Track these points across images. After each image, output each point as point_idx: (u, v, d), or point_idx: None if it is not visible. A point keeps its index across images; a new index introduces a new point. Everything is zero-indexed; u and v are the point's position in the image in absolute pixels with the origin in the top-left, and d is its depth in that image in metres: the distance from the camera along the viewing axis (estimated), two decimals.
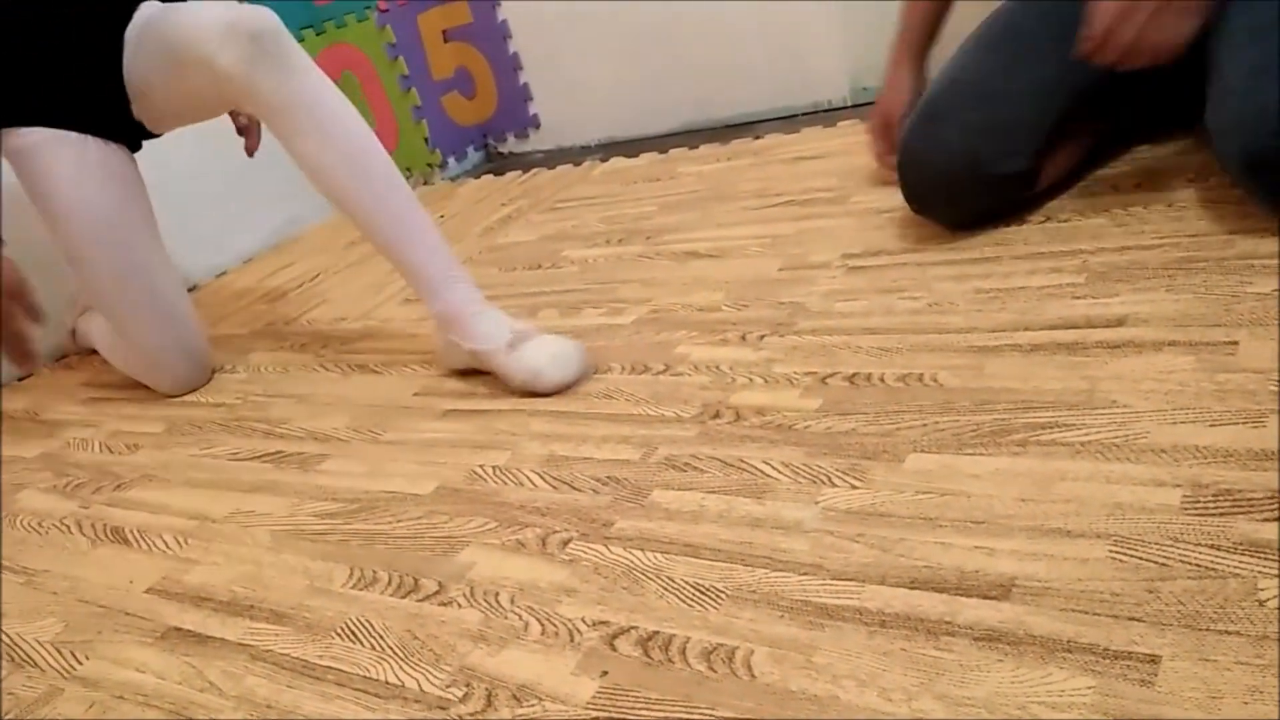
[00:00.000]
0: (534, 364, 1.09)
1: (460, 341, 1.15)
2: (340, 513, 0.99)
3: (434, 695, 0.71)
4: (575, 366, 1.10)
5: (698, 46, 2.11)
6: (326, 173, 1.15)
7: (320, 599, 0.86)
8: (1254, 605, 0.58)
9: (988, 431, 0.81)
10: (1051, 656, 0.58)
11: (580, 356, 1.11)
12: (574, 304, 1.34)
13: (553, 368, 1.08)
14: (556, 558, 0.82)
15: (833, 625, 0.66)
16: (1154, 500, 0.68)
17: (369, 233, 1.17)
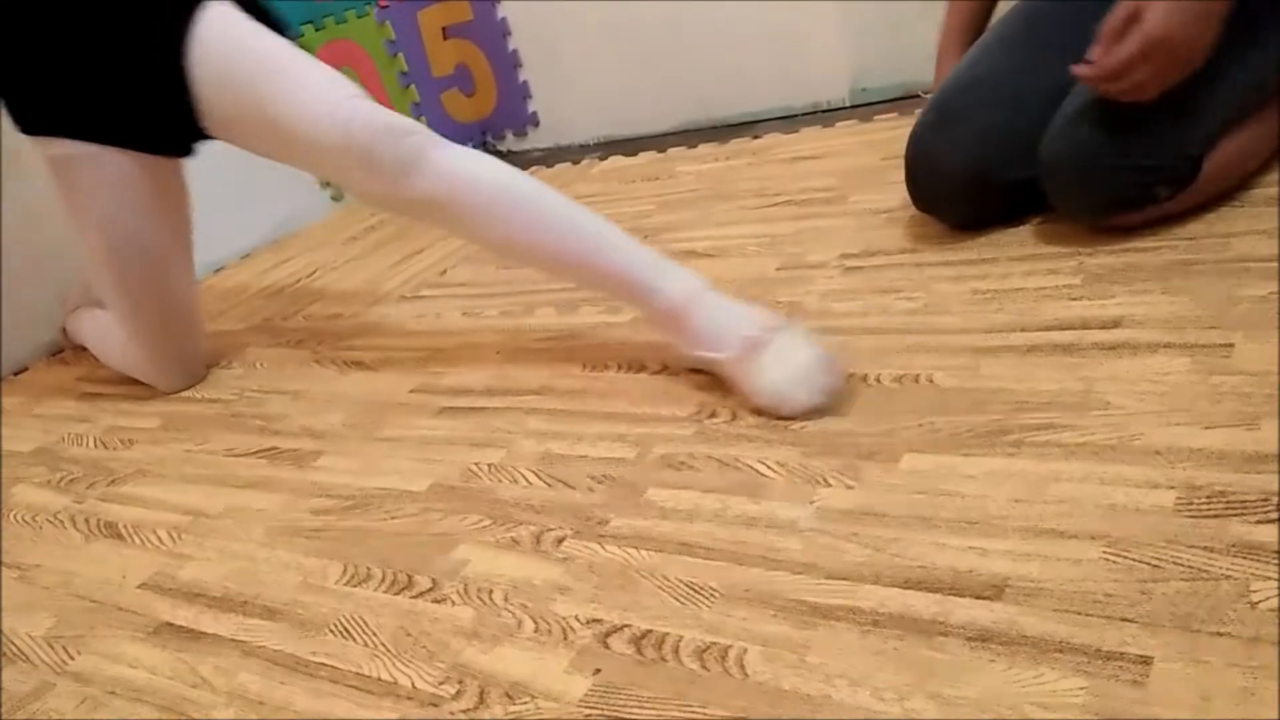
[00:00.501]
0: (775, 385, 0.92)
1: (684, 348, 1.00)
2: (335, 509, 0.98)
3: (426, 692, 0.70)
4: (825, 384, 0.91)
5: (697, 46, 2.11)
6: (501, 247, 1.11)
7: (313, 595, 0.86)
8: (1246, 607, 0.58)
9: (983, 432, 0.81)
10: (1044, 657, 0.58)
11: (830, 368, 0.92)
12: (571, 302, 1.34)
13: (798, 389, 0.91)
14: (551, 555, 0.82)
15: (826, 624, 0.66)
16: (1148, 502, 0.68)
17: (559, 275, 1.12)
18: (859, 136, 1.77)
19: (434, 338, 1.35)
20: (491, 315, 1.38)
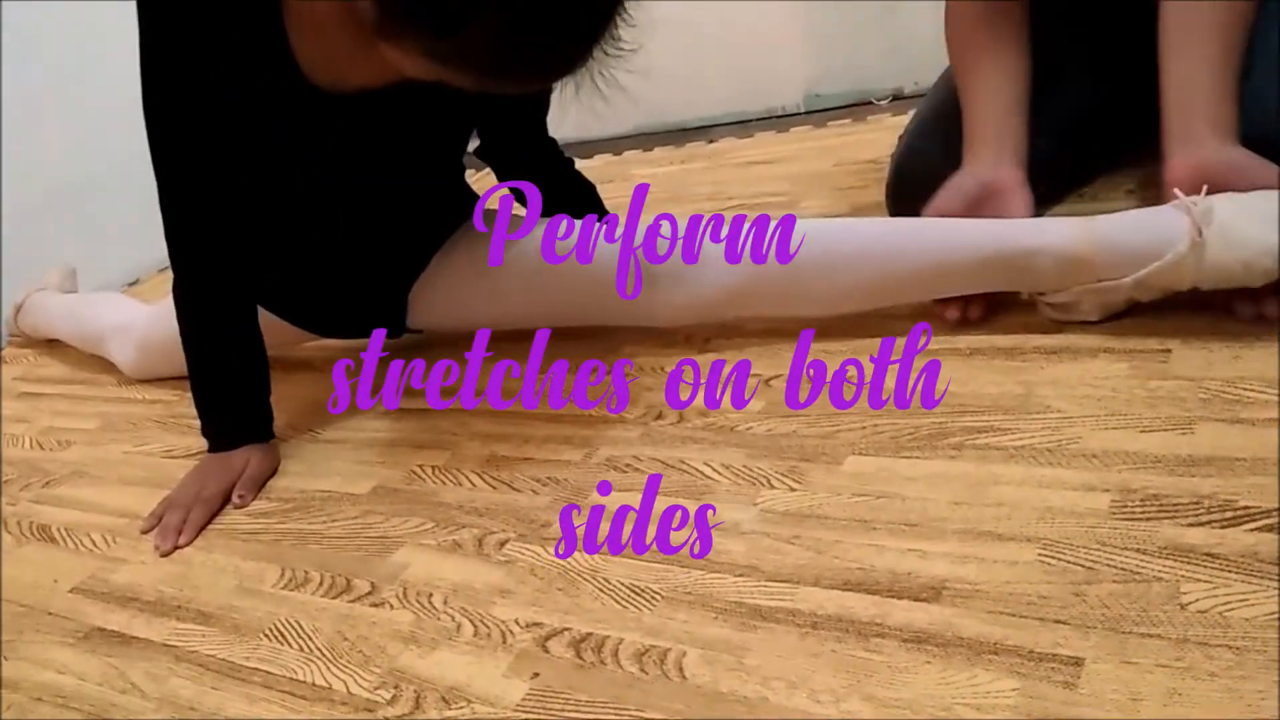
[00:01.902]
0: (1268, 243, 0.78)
1: (1122, 284, 0.84)
2: (274, 512, 0.97)
3: (361, 697, 0.69)
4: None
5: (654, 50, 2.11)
6: (816, 304, 1.01)
7: (249, 599, 0.84)
8: (1176, 609, 0.58)
9: (925, 435, 0.81)
10: (978, 658, 0.59)
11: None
12: None
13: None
14: (493, 558, 0.81)
15: (765, 627, 0.66)
16: (1084, 505, 0.68)
17: (904, 297, 0.98)
18: (813, 142, 1.78)
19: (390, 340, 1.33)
20: None
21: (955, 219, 0.95)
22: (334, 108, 0.95)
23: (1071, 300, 0.89)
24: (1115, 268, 0.84)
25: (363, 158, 1.03)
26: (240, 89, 0.93)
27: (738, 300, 1.03)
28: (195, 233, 1.00)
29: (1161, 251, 0.81)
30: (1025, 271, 0.89)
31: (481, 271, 1.12)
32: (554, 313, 1.12)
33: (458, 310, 1.16)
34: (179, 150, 0.96)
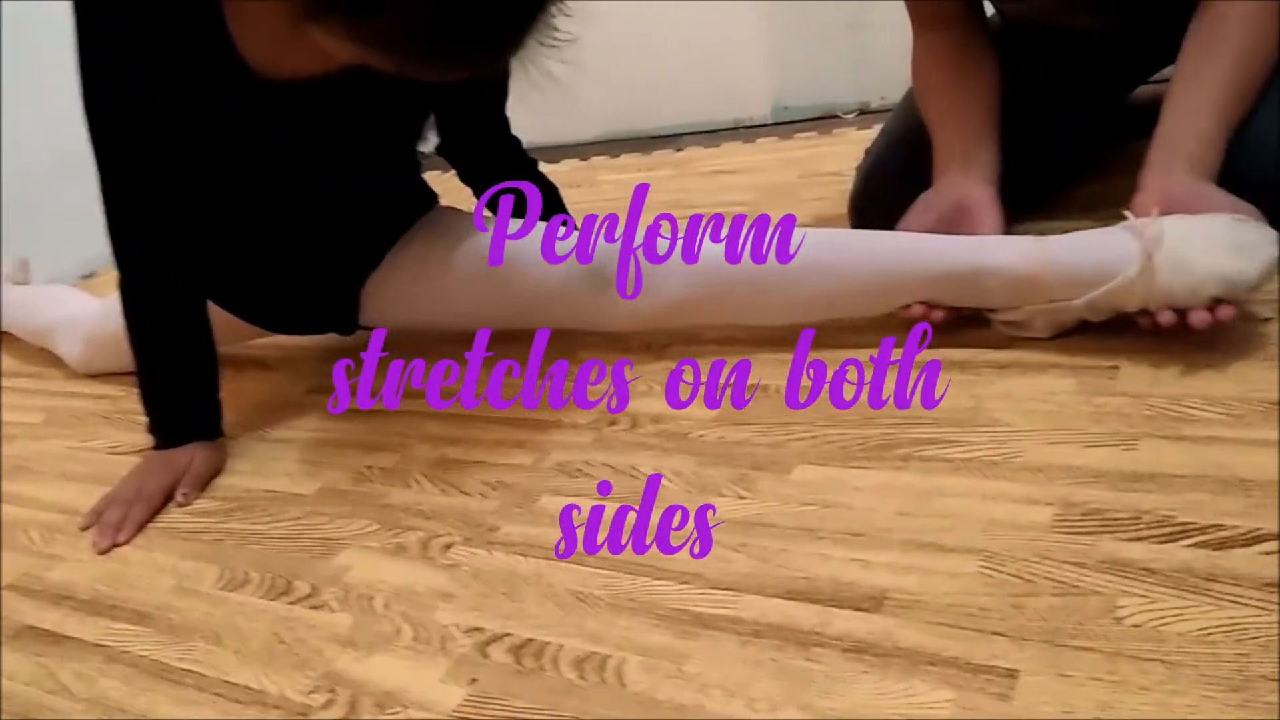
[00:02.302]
0: (1212, 270, 0.78)
1: (1071, 305, 0.85)
2: (217, 511, 0.95)
3: (295, 701, 0.68)
4: (1254, 238, 0.80)
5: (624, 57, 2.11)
6: (769, 314, 1.00)
7: (186, 599, 0.82)
8: (1111, 622, 0.58)
9: (874, 445, 0.81)
10: (915, 669, 0.58)
11: (1245, 221, 0.81)
12: None
13: (1239, 259, 0.79)
14: (437, 562, 0.80)
15: (707, 634, 0.65)
16: (1026, 518, 0.68)
17: (856, 311, 0.98)
18: (778, 153, 1.78)
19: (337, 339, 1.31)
20: None
21: (911, 234, 0.95)
22: (278, 97, 0.94)
23: (1024, 318, 0.89)
24: (1066, 288, 0.85)
25: (312, 149, 1.01)
26: (180, 78, 0.92)
27: (693, 308, 1.02)
28: (138, 225, 0.98)
29: (1112, 274, 0.82)
30: (977, 289, 0.90)
31: (436, 270, 1.10)
32: (508, 314, 1.11)
33: (410, 309, 1.15)
34: (118, 142, 0.94)
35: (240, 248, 1.10)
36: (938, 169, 1.01)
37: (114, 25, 0.88)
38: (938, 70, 1.05)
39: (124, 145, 0.94)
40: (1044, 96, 1.13)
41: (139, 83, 0.91)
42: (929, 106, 1.05)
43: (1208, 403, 0.76)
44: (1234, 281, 0.79)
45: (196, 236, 1.03)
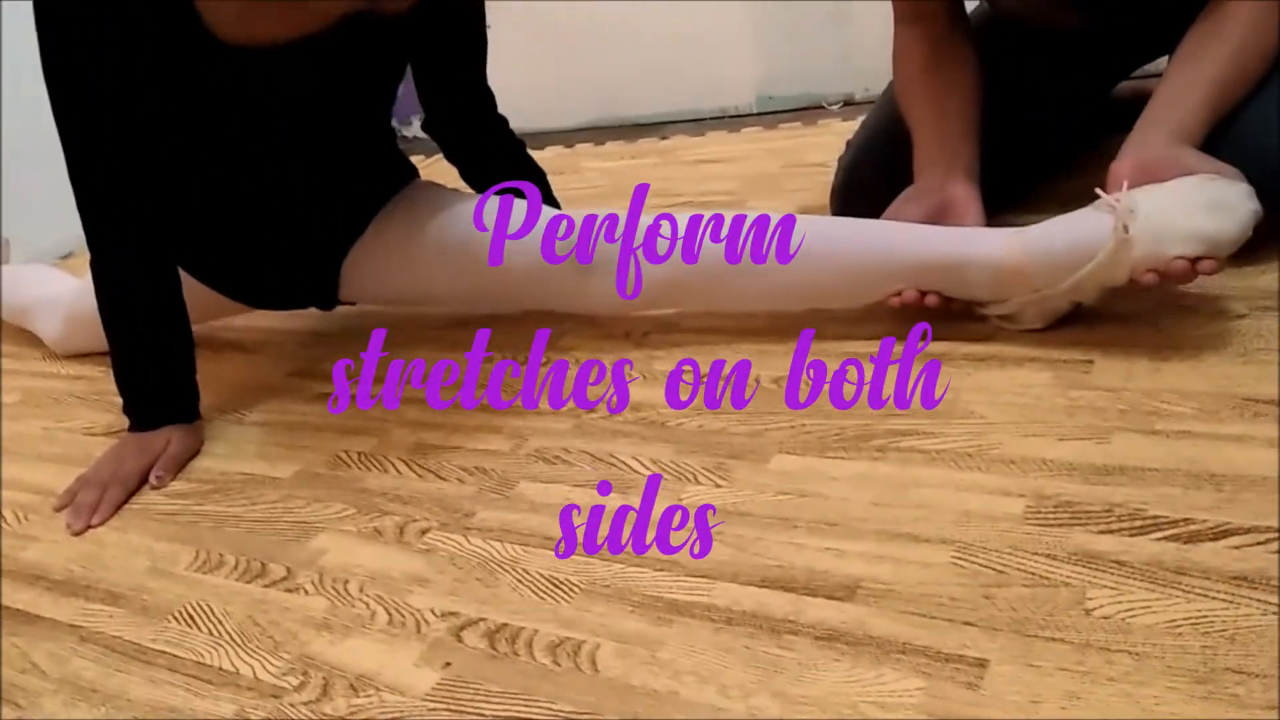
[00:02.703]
0: (1192, 231, 0.79)
1: (1057, 289, 0.85)
2: (193, 493, 0.95)
3: (268, 683, 0.68)
4: (1232, 197, 0.80)
5: (611, 45, 2.11)
6: (751, 300, 1.01)
7: (161, 581, 0.82)
8: (1081, 614, 0.59)
9: (851, 436, 0.81)
10: (886, 657, 0.59)
11: (1222, 182, 0.82)
12: None
13: (1217, 218, 0.79)
14: (413, 547, 0.80)
15: (681, 621, 0.66)
16: (999, 509, 0.69)
17: (841, 300, 0.99)
18: (763, 143, 1.78)
19: (318, 321, 1.31)
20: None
21: (897, 224, 0.95)
22: (246, 65, 0.93)
23: (1015, 310, 0.90)
24: (1049, 274, 0.85)
25: (283, 117, 1.00)
26: (145, 49, 0.90)
27: (679, 292, 1.02)
28: (106, 201, 0.96)
29: (1091, 254, 0.82)
30: (962, 280, 0.90)
31: (417, 247, 1.09)
32: (489, 294, 1.10)
33: (390, 285, 1.14)
34: (82, 116, 0.93)
35: (218, 220, 1.09)
36: (918, 165, 1.01)
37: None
38: (919, 65, 1.05)
39: (87, 119, 0.93)
40: (1030, 93, 1.13)
41: (101, 55, 0.90)
42: (910, 102, 1.05)
43: (1181, 398, 0.77)
44: (1214, 240, 0.79)
45: (168, 211, 1.01)
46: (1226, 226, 0.79)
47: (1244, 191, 0.81)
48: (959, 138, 1.01)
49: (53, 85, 0.92)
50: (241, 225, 1.09)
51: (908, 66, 1.07)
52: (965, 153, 1.01)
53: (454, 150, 1.19)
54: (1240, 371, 0.78)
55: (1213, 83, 0.89)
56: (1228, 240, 0.79)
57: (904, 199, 0.99)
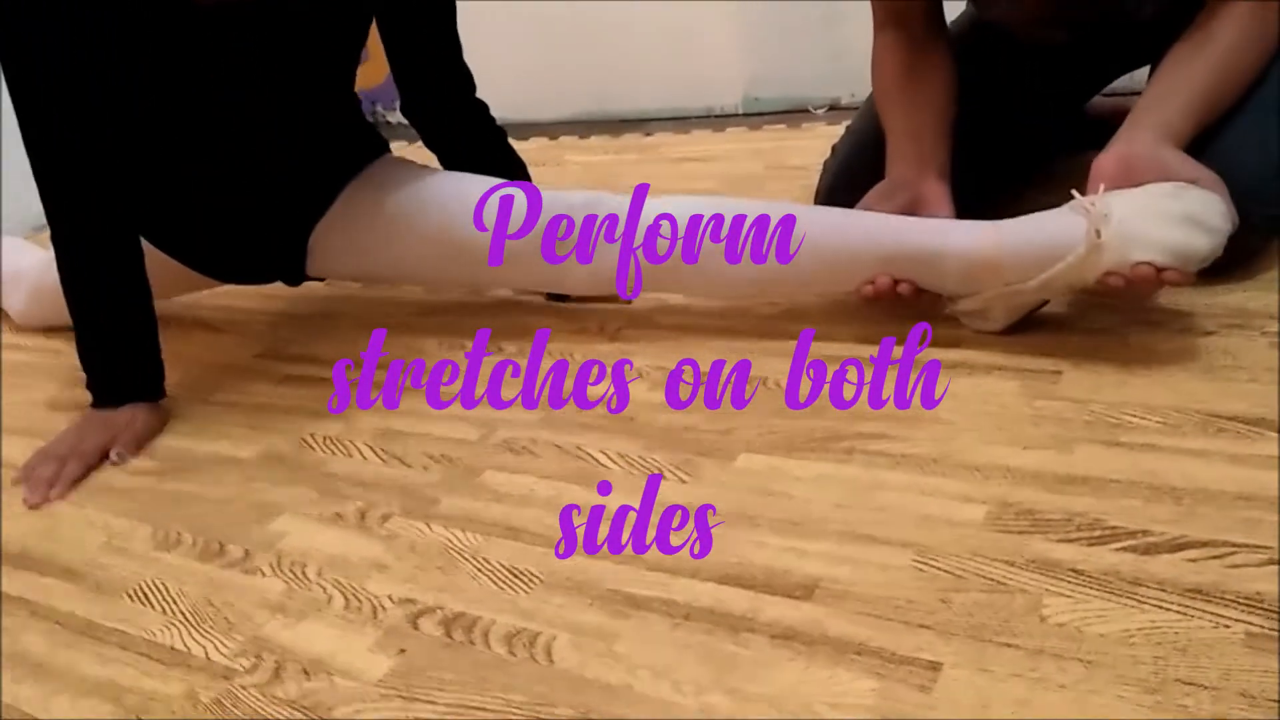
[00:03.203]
0: (1165, 243, 0.79)
1: (1024, 287, 0.86)
2: (155, 471, 0.93)
3: (220, 664, 0.67)
4: (1207, 208, 0.81)
5: (598, 39, 2.10)
6: (727, 287, 1.01)
7: (117, 558, 0.81)
8: (1035, 620, 0.59)
9: (818, 437, 0.81)
10: (841, 658, 0.59)
11: (1198, 191, 0.82)
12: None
13: (1190, 233, 0.79)
14: (374, 532, 0.79)
15: (639, 615, 0.65)
16: (960, 515, 0.69)
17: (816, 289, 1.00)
18: (746, 144, 1.78)
19: (289, 302, 1.30)
20: (355, 285, 1.33)
21: (871, 213, 0.96)
22: (208, 23, 0.92)
23: (982, 306, 0.90)
24: (1020, 270, 0.86)
25: (249, 79, 0.99)
26: (107, 13, 0.89)
27: (653, 277, 1.02)
28: (66, 174, 0.95)
29: (1063, 253, 0.83)
30: (935, 271, 0.90)
31: (386, 222, 1.08)
32: (460, 272, 1.09)
33: (359, 261, 1.12)
34: (38, 84, 0.91)
35: (184, 191, 1.07)
36: (891, 161, 1.02)
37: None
38: (896, 69, 1.06)
39: (44, 86, 0.91)
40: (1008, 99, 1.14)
41: (59, 20, 0.88)
42: (886, 103, 1.06)
43: (1146, 411, 0.77)
44: (1183, 253, 0.79)
45: (132, 182, 1.00)
46: (1197, 242, 0.79)
47: (1221, 209, 0.81)
48: (933, 137, 1.02)
49: (6, 52, 0.90)
50: (207, 196, 1.08)
51: (886, 69, 1.08)
52: (938, 152, 1.01)
53: (432, 135, 1.18)
54: (1204, 388, 0.79)
55: (1201, 87, 0.90)
56: (1197, 256, 0.80)
57: (876, 193, 0.99)
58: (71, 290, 0.98)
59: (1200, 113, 0.89)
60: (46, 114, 0.92)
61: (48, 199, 0.95)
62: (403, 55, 1.12)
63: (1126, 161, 0.85)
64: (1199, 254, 0.79)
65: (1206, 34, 0.91)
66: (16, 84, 0.91)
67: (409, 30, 1.09)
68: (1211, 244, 0.80)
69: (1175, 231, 0.79)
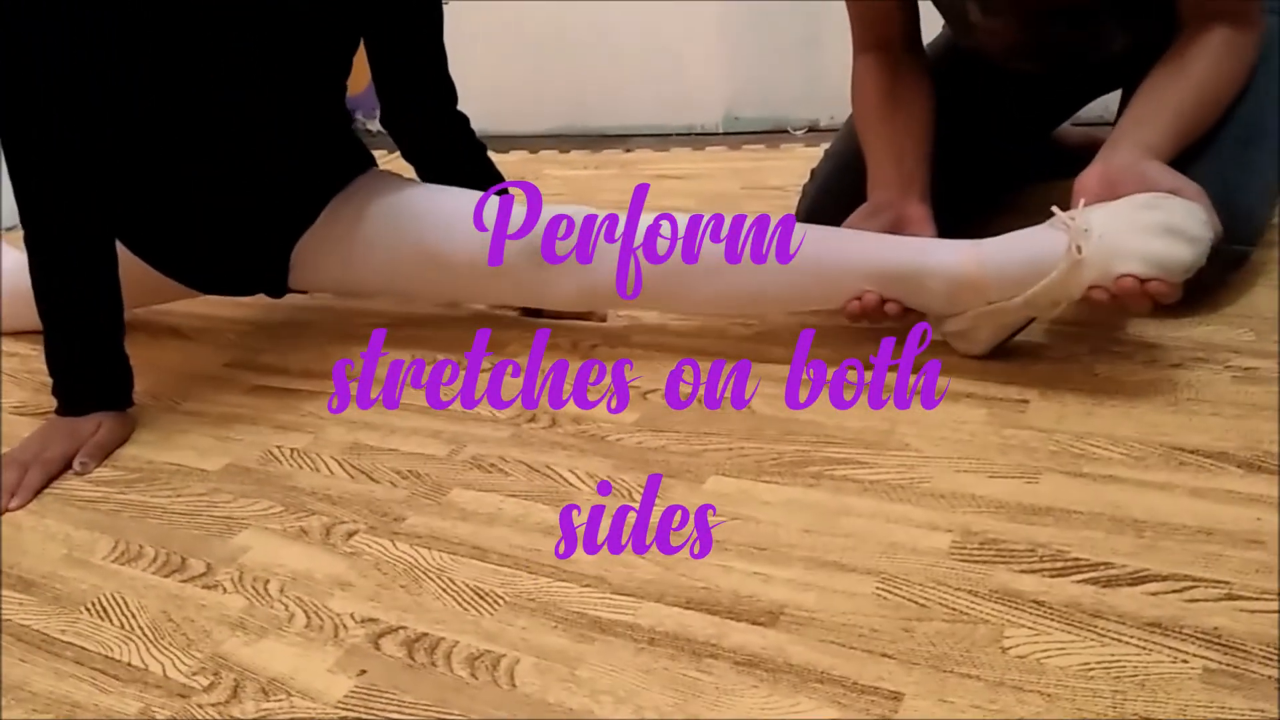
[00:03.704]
0: (1145, 255, 0.79)
1: (1007, 306, 0.87)
2: (118, 480, 0.92)
3: (177, 682, 0.66)
4: (1187, 218, 0.81)
5: (581, 53, 2.11)
6: (710, 303, 1.01)
7: (76, 570, 0.80)
8: (997, 652, 0.60)
9: (788, 461, 0.82)
10: (804, 685, 0.59)
11: (1178, 202, 0.82)
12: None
13: (1172, 245, 0.79)
14: (338, 549, 0.78)
15: (603, 639, 0.65)
16: (925, 543, 0.69)
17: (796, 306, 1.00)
18: (725, 163, 1.79)
19: (262, 311, 1.29)
20: (327, 295, 1.32)
21: (856, 231, 0.96)
22: (201, 23, 0.91)
23: (968, 327, 0.91)
24: (1004, 288, 0.86)
25: (238, 79, 0.98)
26: (88, 9, 0.88)
27: (643, 284, 1.01)
28: (43, 175, 0.93)
29: (1046, 270, 0.83)
30: (919, 289, 0.90)
31: (370, 236, 1.08)
32: (445, 286, 1.09)
33: (343, 275, 1.11)
34: (17, 81, 0.90)
35: (167, 200, 1.06)
36: (873, 184, 1.03)
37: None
38: (876, 91, 1.07)
39: (14, 76, 0.90)
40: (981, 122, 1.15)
41: (39, 15, 0.87)
42: (866, 126, 1.07)
43: (1111, 442, 0.78)
44: (1166, 264, 0.79)
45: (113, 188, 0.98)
46: (1179, 252, 0.79)
47: (1201, 219, 0.81)
48: (914, 160, 1.03)
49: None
50: (192, 206, 1.07)
51: (865, 92, 1.08)
52: (920, 175, 1.02)
53: (412, 146, 1.17)
54: (1169, 420, 0.80)
55: (1179, 109, 0.91)
56: (1179, 266, 0.79)
57: (859, 215, 1.00)
58: (43, 295, 0.97)
59: (1180, 133, 0.91)
60: (26, 114, 0.91)
61: (23, 201, 0.94)
62: (387, 64, 1.11)
63: (1108, 176, 0.86)
64: (1182, 263, 0.79)
65: (1183, 59, 0.93)
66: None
67: (397, 39, 1.09)
68: (1194, 253, 0.80)
69: (1156, 242, 0.79)
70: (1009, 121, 1.18)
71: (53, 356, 0.99)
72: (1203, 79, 0.92)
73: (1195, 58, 0.92)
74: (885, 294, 0.92)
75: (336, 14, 1.01)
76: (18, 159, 0.93)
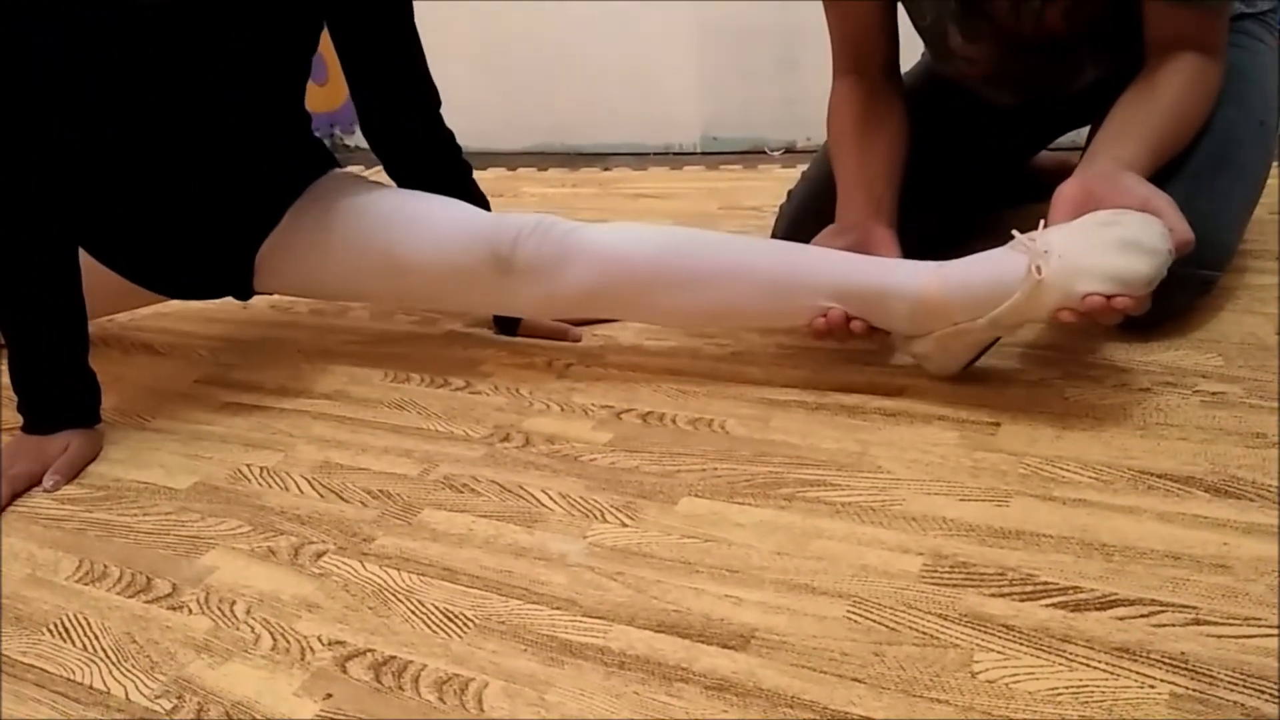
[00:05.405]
0: (1106, 271, 0.80)
1: (973, 326, 0.87)
2: (84, 499, 0.91)
3: (140, 705, 0.65)
4: (1147, 234, 0.81)
5: (561, 72, 2.11)
6: (678, 317, 1.02)
7: (39, 590, 0.78)
8: (967, 676, 0.60)
9: (760, 483, 0.82)
10: (774, 710, 0.59)
11: (1142, 220, 0.82)
12: (386, 310, 1.29)
13: (1131, 259, 0.80)
14: (306, 570, 0.77)
15: (573, 663, 0.65)
16: (896, 566, 0.70)
17: (756, 324, 1.04)
18: (703, 183, 1.80)
19: (234, 327, 1.28)
20: (301, 311, 1.32)
21: (822, 249, 0.97)
22: (151, 20, 0.90)
23: (933, 349, 0.91)
24: (967, 309, 0.87)
25: (197, 82, 0.97)
26: (51, 12, 0.87)
27: (602, 301, 1.02)
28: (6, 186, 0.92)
29: (1008, 291, 0.84)
30: (883, 310, 0.91)
31: (334, 239, 1.07)
32: (409, 291, 1.08)
33: (308, 278, 1.10)
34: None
35: (131, 204, 1.05)
36: (842, 204, 1.04)
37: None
38: (852, 114, 1.08)
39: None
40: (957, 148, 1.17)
41: (58, 15, 0.86)
42: (839, 148, 1.08)
43: (1080, 466, 0.79)
44: (1127, 279, 0.79)
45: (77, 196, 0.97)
46: (1139, 265, 0.79)
47: (1159, 230, 0.82)
48: (882, 185, 1.04)
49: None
50: (155, 209, 1.05)
51: (842, 114, 1.09)
52: (888, 200, 1.03)
53: (393, 156, 1.14)
54: (1137, 444, 0.81)
55: (1152, 128, 0.93)
56: (1140, 279, 0.79)
57: (826, 234, 1.01)
58: (8, 311, 0.96)
59: (1153, 150, 0.92)
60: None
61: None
62: (357, 61, 1.08)
63: (1087, 186, 0.87)
64: (1143, 277, 0.80)
65: (1154, 83, 0.94)
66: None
67: (362, 29, 1.06)
68: (1153, 264, 0.80)
69: (1116, 259, 0.80)
70: (984, 149, 1.19)
71: (18, 374, 0.98)
72: (1173, 101, 0.94)
73: (1165, 82, 0.94)
74: (852, 313, 0.92)
75: (294, 8, 1.00)
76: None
